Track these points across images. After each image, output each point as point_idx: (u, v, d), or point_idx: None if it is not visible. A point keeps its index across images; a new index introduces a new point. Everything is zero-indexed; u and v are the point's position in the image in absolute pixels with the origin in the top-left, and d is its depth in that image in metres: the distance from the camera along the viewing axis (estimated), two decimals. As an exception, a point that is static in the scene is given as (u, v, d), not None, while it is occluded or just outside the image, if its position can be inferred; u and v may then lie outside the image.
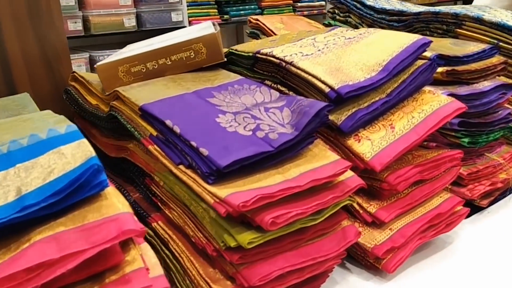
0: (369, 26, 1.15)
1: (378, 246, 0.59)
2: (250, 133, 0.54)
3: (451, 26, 0.96)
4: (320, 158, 0.55)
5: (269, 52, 0.70)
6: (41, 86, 0.93)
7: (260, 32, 1.17)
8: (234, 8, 2.48)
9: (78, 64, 1.96)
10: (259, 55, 0.72)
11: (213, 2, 2.43)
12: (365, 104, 0.61)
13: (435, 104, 0.64)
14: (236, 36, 2.95)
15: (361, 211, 0.62)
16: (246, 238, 0.47)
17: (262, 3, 2.63)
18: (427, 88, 0.68)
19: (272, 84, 0.71)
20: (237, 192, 0.47)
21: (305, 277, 0.52)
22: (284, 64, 0.67)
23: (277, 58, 0.68)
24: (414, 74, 0.63)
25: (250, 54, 0.74)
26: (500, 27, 0.87)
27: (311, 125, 0.55)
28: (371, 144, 0.60)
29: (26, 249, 0.34)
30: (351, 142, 0.60)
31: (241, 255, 0.47)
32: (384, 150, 0.59)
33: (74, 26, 1.92)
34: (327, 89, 0.60)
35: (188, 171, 0.52)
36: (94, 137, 0.85)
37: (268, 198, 0.47)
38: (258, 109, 0.59)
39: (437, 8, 0.98)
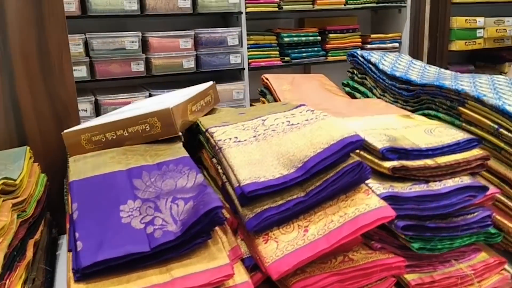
0: (382, 90, 1.08)
1: None
2: (142, 226, 0.55)
3: (454, 102, 0.87)
4: (210, 260, 0.53)
5: (213, 133, 0.70)
6: (50, 139, 1.03)
7: (268, 91, 1.16)
8: (296, 50, 2.49)
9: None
10: (207, 133, 0.72)
11: (275, 44, 2.46)
12: (279, 202, 0.58)
13: (361, 208, 0.58)
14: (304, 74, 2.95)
15: (267, 317, 0.58)
16: None
17: (327, 45, 2.59)
18: (366, 186, 0.62)
19: (216, 164, 0.71)
20: (88, 294, 0.47)
21: None
22: (216, 148, 0.66)
23: (214, 141, 0.68)
24: (337, 174, 0.58)
25: (204, 130, 0.75)
26: (500, 111, 0.76)
27: (199, 225, 0.53)
28: (276, 247, 0.56)
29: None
30: (258, 242, 0.57)
31: None
32: (287, 256, 0.55)
33: (137, 67, 2.08)
34: (235, 184, 0.58)
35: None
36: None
37: (118, 304, 0.47)
38: (166, 199, 0.59)
39: (442, 82, 0.89)
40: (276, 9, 2.40)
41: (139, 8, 2.03)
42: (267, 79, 1.18)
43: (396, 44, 2.86)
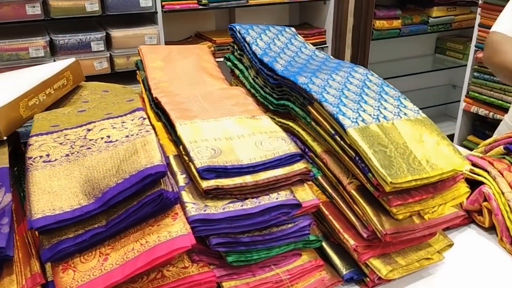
0: (256, 72, 1.06)
1: None
2: None
3: (306, 100, 0.87)
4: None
5: (30, 145, 0.67)
6: None
7: (142, 66, 1.11)
8: (214, -7, 2.36)
9: (36, 47, 1.97)
10: (28, 144, 0.69)
11: (191, -15, 2.32)
12: (79, 232, 0.58)
13: (162, 236, 0.59)
14: (229, 20, 2.83)
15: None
16: None
17: (249, -12, 2.48)
18: (179, 207, 0.63)
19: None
20: None
21: None
22: (27, 167, 0.64)
23: (27, 158, 0.65)
24: (138, 204, 0.59)
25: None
26: (334, 119, 0.78)
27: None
28: (73, 277, 0.57)
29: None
30: (57, 270, 0.58)
31: None
32: (82, 287, 0.56)
33: (33, 10, 1.90)
34: (28, 216, 0.57)
35: None
36: None
37: None
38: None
39: (298, 77, 0.89)
40: None
41: None
42: (141, 50, 1.12)
43: (324, -12, 2.78)
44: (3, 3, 1.86)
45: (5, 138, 0.73)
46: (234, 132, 0.76)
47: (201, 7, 2.37)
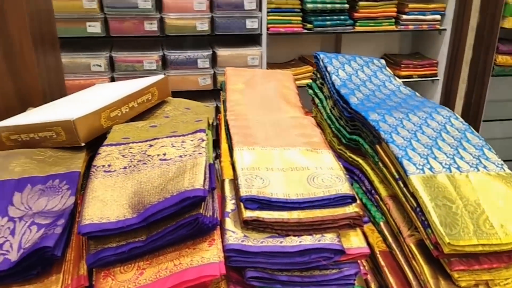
0: (334, 103, 1.03)
1: None
2: (-8, 248, 0.61)
3: (375, 138, 0.82)
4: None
5: (98, 154, 0.73)
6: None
7: (225, 86, 1.15)
8: (319, 17, 2.34)
9: (150, 61, 2.16)
10: (97, 153, 0.76)
11: (298, 10, 2.33)
12: (121, 243, 0.61)
13: (195, 260, 0.60)
14: (335, 45, 2.80)
15: None
16: None
17: (356, 14, 2.41)
18: (217, 232, 0.64)
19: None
20: None
21: None
22: (90, 174, 0.70)
23: (93, 165, 0.71)
24: (175, 225, 0.60)
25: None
26: (398, 163, 0.72)
27: (29, 260, 0.58)
28: (110, 285, 0.60)
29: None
30: (99, 276, 0.62)
31: None
32: (115, 297, 0.59)
33: (150, 26, 2.10)
34: (79, 221, 0.62)
35: None
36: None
37: None
38: (26, 222, 0.64)
39: (371, 112, 0.84)
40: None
41: (155, -33, 2.01)
42: (227, 71, 1.17)
43: (438, 17, 2.61)
44: (125, 19, 2.08)
45: (83, 144, 0.80)
46: (288, 164, 0.74)
47: (305, 31, 2.39)
